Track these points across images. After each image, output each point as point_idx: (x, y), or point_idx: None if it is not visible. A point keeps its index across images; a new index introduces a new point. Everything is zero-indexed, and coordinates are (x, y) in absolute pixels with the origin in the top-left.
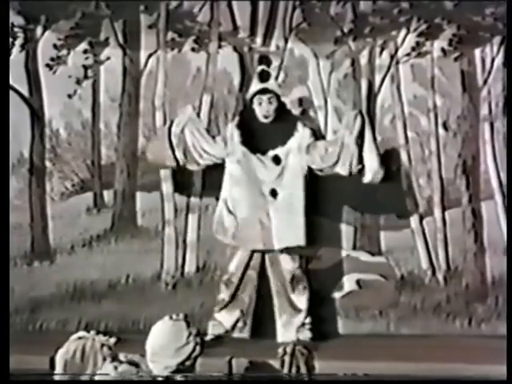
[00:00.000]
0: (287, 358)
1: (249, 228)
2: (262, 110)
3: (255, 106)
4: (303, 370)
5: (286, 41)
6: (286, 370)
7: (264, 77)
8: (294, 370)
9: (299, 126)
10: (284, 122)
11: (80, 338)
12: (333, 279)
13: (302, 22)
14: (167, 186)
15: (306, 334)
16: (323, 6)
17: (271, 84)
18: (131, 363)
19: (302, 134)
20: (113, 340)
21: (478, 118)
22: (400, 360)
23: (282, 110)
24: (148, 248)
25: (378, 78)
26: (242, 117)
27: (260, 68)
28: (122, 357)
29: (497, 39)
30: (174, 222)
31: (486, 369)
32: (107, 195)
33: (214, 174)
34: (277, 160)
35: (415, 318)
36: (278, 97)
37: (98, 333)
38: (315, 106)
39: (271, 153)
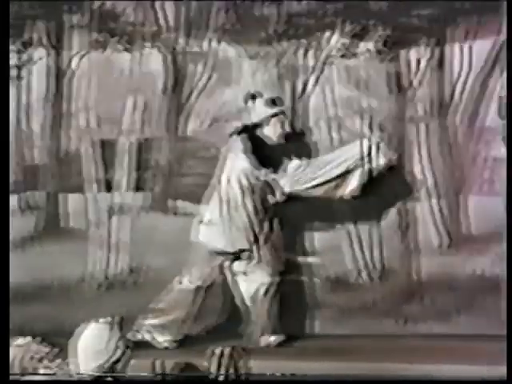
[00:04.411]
0: (215, 360)
1: None
2: (282, 129)
3: (270, 126)
4: (232, 370)
5: (212, 41)
6: (213, 371)
7: (278, 102)
8: (222, 370)
9: None
10: None
11: (20, 345)
12: None
13: (227, 22)
14: (93, 188)
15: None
16: (249, 7)
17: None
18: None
19: None
20: (56, 351)
21: (405, 119)
22: (329, 360)
23: None
24: (74, 250)
25: (305, 79)
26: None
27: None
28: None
29: (425, 40)
30: (100, 224)
31: (411, 368)
32: (33, 197)
33: None
34: None
35: (349, 318)
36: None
37: (42, 340)
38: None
39: None
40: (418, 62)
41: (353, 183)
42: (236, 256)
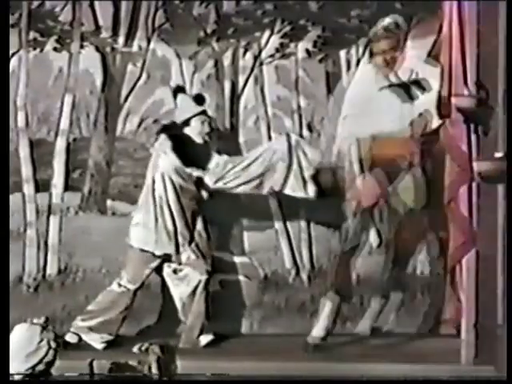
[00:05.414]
0: (142, 357)
1: None
2: (204, 128)
3: (192, 126)
4: (154, 369)
5: (149, 41)
6: (144, 370)
7: (200, 101)
8: (146, 368)
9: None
10: None
11: None
12: None
13: (164, 22)
14: (29, 188)
15: (207, 337)
16: (186, 7)
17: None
18: None
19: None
20: None
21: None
22: (263, 359)
23: None
24: (11, 250)
25: (241, 79)
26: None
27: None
28: None
29: (362, 41)
30: (36, 224)
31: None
32: None
33: None
34: None
35: (279, 317)
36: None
37: None
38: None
39: None
40: (356, 62)
41: (277, 178)
42: (165, 258)
